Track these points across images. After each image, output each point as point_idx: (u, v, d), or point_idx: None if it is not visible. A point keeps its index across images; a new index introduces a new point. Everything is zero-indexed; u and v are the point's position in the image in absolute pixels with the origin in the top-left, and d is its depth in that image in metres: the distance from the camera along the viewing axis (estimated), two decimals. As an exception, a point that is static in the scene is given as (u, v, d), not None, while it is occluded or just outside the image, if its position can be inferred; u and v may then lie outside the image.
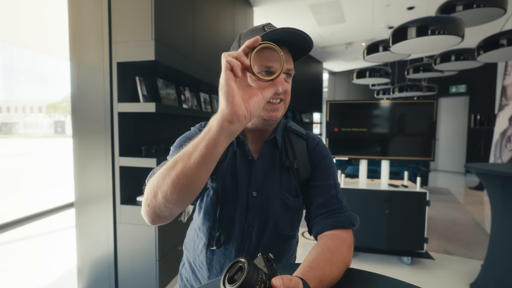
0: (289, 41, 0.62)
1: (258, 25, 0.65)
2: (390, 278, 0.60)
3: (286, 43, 0.62)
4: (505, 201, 1.81)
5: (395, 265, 2.30)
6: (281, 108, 0.68)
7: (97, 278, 1.77)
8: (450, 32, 1.89)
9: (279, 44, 0.58)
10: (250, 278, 0.38)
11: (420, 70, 4.17)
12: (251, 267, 0.39)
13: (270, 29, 0.62)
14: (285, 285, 0.40)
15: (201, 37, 2.29)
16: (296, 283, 0.42)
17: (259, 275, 0.39)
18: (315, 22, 4.62)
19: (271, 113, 0.67)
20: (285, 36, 0.60)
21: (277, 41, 0.58)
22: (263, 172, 0.73)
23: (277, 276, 0.41)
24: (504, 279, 1.80)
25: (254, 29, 0.65)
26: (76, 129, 1.74)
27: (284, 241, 0.77)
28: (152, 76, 1.91)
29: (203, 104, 2.57)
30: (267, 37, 0.58)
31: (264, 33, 0.59)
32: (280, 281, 0.40)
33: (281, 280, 0.40)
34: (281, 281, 0.40)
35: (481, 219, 3.49)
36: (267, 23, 0.65)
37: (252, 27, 0.67)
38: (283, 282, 0.40)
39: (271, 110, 0.66)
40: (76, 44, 1.71)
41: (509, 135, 4.66)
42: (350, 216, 0.70)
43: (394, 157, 2.40)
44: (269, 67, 0.62)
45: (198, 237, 0.79)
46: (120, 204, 1.70)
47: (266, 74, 0.62)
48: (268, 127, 0.73)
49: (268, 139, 0.74)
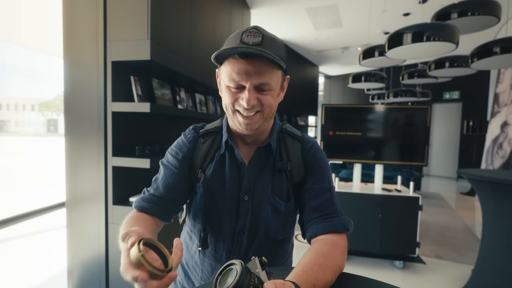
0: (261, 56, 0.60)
1: (240, 31, 0.63)
2: (382, 282, 0.60)
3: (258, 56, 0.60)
4: (497, 206, 1.83)
5: (387, 269, 2.31)
6: (257, 120, 0.66)
7: (88, 279, 1.74)
8: (445, 39, 1.91)
9: (251, 57, 0.60)
10: (242, 281, 0.37)
11: (415, 76, 4.22)
12: (244, 270, 0.38)
13: (248, 35, 0.61)
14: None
15: (197, 37, 2.28)
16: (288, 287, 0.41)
17: (251, 278, 0.38)
18: (311, 26, 4.65)
19: (246, 126, 0.66)
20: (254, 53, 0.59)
21: (248, 54, 0.59)
22: (254, 176, 0.73)
23: (269, 281, 0.41)
24: (494, 284, 1.82)
25: (234, 36, 0.64)
26: (68, 128, 1.72)
27: (276, 245, 0.77)
28: (147, 76, 1.90)
29: (199, 105, 2.56)
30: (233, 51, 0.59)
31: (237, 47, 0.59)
32: (273, 286, 0.39)
33: (273, 284, 0.40)
34: (274, 285, 0.40)
35: (472, 224, 3.53)
36: (248, 29, 0.62)
37: (235, 32, 0.65)
38: (275, 286, 0.40)
39: (244, 123, 0.66)
40: (70, 42, 1.68)
41: (501, 142, 4.74)
42: (344, 221, 0.69)
43: (387, 161, 2.42)
44: (237, 82, 0.62)
45: (191, 239, 0.79)
46: (112, 204, 1.68)
47: (236, 89, 0.63)
48: (258, 133, 0.72)
49: (261, 145, 0.73)
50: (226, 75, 0.63)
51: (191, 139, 0.76)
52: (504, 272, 1.80)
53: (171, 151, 0.76)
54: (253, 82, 0.61)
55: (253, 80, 0.61)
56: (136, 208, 0.70)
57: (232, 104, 0.65)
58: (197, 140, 0.76)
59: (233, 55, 0.60)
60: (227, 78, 0.63)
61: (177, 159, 0.73)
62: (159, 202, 0.70)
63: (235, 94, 0.64)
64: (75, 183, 1.73)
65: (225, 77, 0.64)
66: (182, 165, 0.73)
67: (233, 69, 0.61)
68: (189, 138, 0.76)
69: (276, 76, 0.64)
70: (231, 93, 0.64)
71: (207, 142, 0.75)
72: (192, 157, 0.74)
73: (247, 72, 0.61)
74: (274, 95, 0.66)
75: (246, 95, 0.62)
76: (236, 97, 0.64)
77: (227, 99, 0.65)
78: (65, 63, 1.70)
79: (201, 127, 0.79)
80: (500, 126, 4.82)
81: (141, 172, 1.74)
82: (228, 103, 0.66)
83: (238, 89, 0.63)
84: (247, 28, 0.62)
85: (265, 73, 0.61)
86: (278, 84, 0.66)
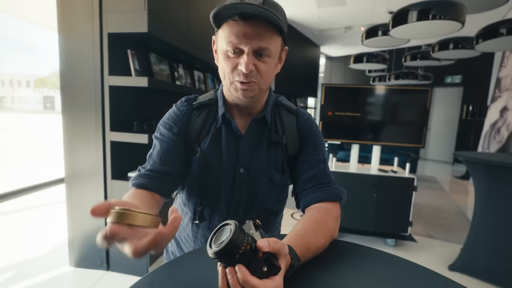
0: (262, 16, 0.57)
1: None
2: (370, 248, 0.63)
3: (258, 17, 0.57)
4: (490, 188, 1.87)
5: (379, 246, 2.39)
6: (253, 88, 0.64)
7: (89, 251, 1.79)
8: (451, 18, 1.86)
9: (250, 18, 0.57)
10: (236, 239, 0.38)
11: (418, 57, 4.14)
12: (238, 229, 0.39)
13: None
14: (271, 246, 0.41)
15: (196, 12, 2.20)
16: (281, 245, 0.42)
17: (245, 237, 0.39)
18: (314, 3, 4.50)
19: (242, 92, 0.64)
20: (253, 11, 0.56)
21: (248, 15, 0.57)
22: (250, 149, 0.73)
23: (263, 238, 0.42)
24: (482, 262, 1.90)
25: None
26: (65, 103, 1.70)
27: (269, 215, 0.79)
28: (145, 50, 1.85)
29: (197, 83, 2.52)
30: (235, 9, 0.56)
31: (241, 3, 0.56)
32: (266, 243, 0.40)
33: (267, 242, 0.41)
34: (267, 242, 0.41)
35: (464, 207, 3.62)
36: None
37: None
38: (268, 243, 0.40)
39: (241, 88, 0.64)
40: (64, 13, 1.62)
41: (499, 127, 4.75)
42: (338, 190, 0.71)
43: (385, 142, 2.43)
44: (236, 44, 0.59)
45: (183, 212, 0.80)
46: (111, 179, 1.70)
47: (234, 53, 0.61)
48: (254, 104, 0.71)
49: (256, 117, 0.72)
50: (224, 38, 0.61)
51: (185, 112, 0.73)
52: (491, 252, 1.86)
53: (164, 124, 0.73)
54: (253, 46, 0.59)
55: (252, 44, 0.59)
56: (134, 185, 0.66)
57: (231, 72, 0.63)
58: (191, 113, 0.74)
59: (233, 15, 0.58)
60: (225, 41, 0.60)
61: (172, 132, 0.71)
62: (157, 177, 0.67)
63: (233, 59, 0.62)
64: (74, 159, 1.73)
65: (223, 40, 0.61)
66: (177, 138, 0.71)
67: (232, 31, 0.59)
68: (182, 111, 0.73)
69: (276, 41, 0.62)
70: (229, 60, 0.62)
71: (202, 115, 0.73)
72: (187, 131, 0.73)
73: (246, 35, 0.58)
74: (271, 64, 0.64)
75: (245, 59, 0.59)
76: (235, 63, 0.62)
77: (225, 66, 0.63)
78: (60, 35, 1.65)
79: (194, 99, 0.77)
80: (499, 111, 4.82)
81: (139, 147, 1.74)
82: (227, 71, 0.63)
83: (236, 53, 0.61)
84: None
85: (265, 37, 0.59)
86: (277, 51, 0.64)
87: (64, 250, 1.90)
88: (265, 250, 0.40)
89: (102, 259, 1.78)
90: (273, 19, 0.57)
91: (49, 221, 2.71)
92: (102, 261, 1.78)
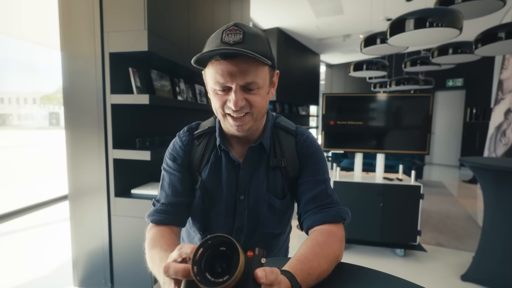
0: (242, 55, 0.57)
1: (220, 29, 0.61)
2: (379, 272, 0.60)
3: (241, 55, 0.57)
4: (498, 194, 1.83)
5: (388, 257, 2.34)
6: (247, 121, 0.64)
7: (93, 270, 1.78)
8: (449, 25, 1.87)
9: (233, 57, 0.57)
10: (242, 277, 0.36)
11: (418, 63, 4.15)
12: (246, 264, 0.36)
13: (228, 33, 0.58)
14: (268, 277, 0.39)
15: (196, 27, 2.24)
16: (276, 274, 0.41)
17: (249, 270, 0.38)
18: (312, 13, 4.56)
19: (237, 128, 0.65)
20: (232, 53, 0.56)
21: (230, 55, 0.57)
22: (249, 176, 0.73)
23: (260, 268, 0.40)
24: (494, 270, 1.84)
25: (214, 36, 0.61)
26: (68, 121, 1.72)
27: (272, 238, 0.78)
28: (145, 67, 1.88)
29: (199, 96, 2.54)
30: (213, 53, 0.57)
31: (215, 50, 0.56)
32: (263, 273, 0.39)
33: (263, 271, 0.39)
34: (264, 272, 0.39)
35: (473, 212, 3.54)
36: (228, 27, 0.60)
37: (216, 31, 0.62)
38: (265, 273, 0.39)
39: (235, 125, 0.64)
40: (67, 34, 1.66)
41: (504, 129, 4.70)
42: (340, 210, 0.69)
43: (389, 150, 2.40)
44: (222, 84, 0.60)
45: (194, 231, 0.81)
46: (114, 196, 1.69)
47: (223, 91, 0.61)
48: (251, 132, 0.71)
49: (253, 145, 0.72)
50: (211, 77, 0.61)
51: (186, 142, 0.76)
52: (504, 260, 1.81)
53: (169, 155, 0.76)
54: (239, 82, 0.59)
55: (238, 80, 0.59)
56: (152, 222, 0.71)
57: (222, 108, 0.63)
58: (192, 142, 0.76)
59: (214, 56, 0.58)
60: (212, 81, 0.61)
61: (177, 163, 0.74)
62: (172, 210, 0.71)
63: (223, 96, 0.62)
64: (77, 176, 1.74)
65: (210, 80, 0.62)
66: (182, 168, 0.74)
67: (217, 70, 0.59)
68: (184, 141, 0.76)
69: (262, 73, 0.62)
70: (218, 96, 0.63)
71: (202, 144, 0.75)
72: (189, 160, 0.75)
73: (231, 73, 0.58)
74: (263, 94, 0.64)
75: (233, 97, 0.60)
76: (224, 99, 0.62)
77: (215, 102, 0.64)
78: (63, 55, 1.68)
79: (196, 128, 0.78)
80: (504, 113, 4.77)
81: (142, 164, 1.75)
82: (217, 107, 0.64)
83: (225, 91, 0.61)
84: (227, 26, 0.60)
85: (250, 72, 0.59)
86: (266, 81, 0.64)
87: (68, 269, 1.88)
88: (262, 281, 0.38)
89: (106, 278, 1.76)
90: (253, 56, 0.56)
91: (53, 239, 2.70)
92: (106, 280, 1.76)
